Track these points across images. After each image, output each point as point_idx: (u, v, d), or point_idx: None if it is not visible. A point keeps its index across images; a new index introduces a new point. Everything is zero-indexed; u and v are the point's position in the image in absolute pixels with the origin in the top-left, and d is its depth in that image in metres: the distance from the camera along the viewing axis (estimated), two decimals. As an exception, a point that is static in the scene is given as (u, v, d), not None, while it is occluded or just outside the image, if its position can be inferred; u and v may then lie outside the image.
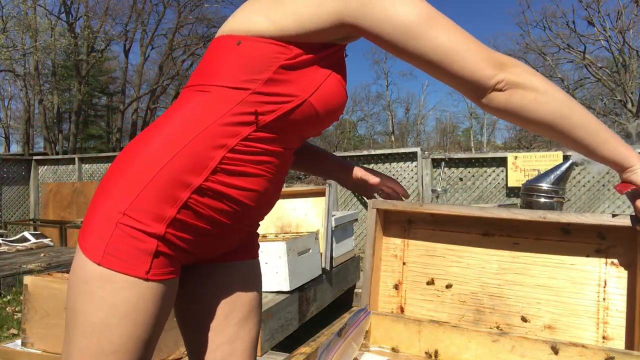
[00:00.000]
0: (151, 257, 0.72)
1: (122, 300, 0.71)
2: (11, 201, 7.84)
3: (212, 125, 0.74)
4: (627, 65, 17.78)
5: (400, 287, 1.12)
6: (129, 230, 0.71)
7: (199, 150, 0.73)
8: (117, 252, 0.71)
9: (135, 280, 0.72)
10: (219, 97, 0.75)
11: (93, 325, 0.72)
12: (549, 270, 0.98)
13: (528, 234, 1.01)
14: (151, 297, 0.73)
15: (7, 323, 3.35)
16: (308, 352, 0.82)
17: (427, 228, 1.10)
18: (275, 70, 0.74)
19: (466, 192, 5.89)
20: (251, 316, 0.93)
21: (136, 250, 0.72)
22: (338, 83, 0.80)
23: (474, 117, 34.87)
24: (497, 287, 1.02)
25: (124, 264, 0.71)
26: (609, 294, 0.94)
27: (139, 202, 0.72)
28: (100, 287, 0.71)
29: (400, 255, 1.12)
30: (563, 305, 0.97)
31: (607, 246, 0.94)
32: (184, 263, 0.83)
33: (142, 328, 0.73)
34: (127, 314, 0.72)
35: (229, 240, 0.86)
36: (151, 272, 0.73)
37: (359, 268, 3.61)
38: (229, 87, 0.75)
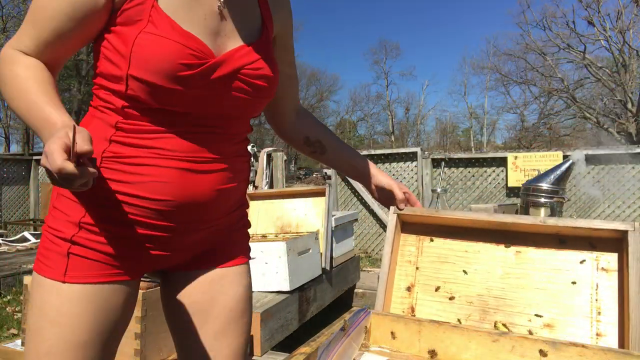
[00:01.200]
0: (66, 259, 0.76)
1: (48, 304, 0.76)
2: (11, 201, 7.84)
3: (95, 121, 0.78)
4: (627, 65, 17.79)
5: (412, 289, 1.19)
6: (50, 237, 0.77)
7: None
8: (44, 258, 0.77)
9: (57, 284, 0.75)
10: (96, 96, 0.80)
11: (31, 329, 0.77)
12: (548, 275, 1.09)
13: (529, 243, 1.12)
14: (74, 300, 0.75)
15: (7, 323, 3.35)
16: (308, 352, 0.82)
17: (440, 236, 1.21)
18: (100, 54, 0.76)
19: (466, 192, 5.89)
20: (229, 329, 0.88)
21: (55, 254, 0.76)
22: (154, 36, 0.72)
23: (474, 117, 34.88)
24: (501, 290, 1.11)
25: (48, 268, 0.76)
26: (601, 296, 1.04)
27: (54, 211, 0.78)
28: (35, 292, 0.77)
29: (414, 261, 1.21)
30: (560, 305, 1.06)
31: (597, 254, 1.07)
32: (150, 270, 0.86)
33: (70, 330, 0.75)
34: (53, 318, 0.75)
35: (172, 244, 0.83)
36: (68, 275, 0.75)
37: (358, 268, 3.61)
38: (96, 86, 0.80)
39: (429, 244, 1.21)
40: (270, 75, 0.84)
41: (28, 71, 0.73)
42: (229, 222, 0.91)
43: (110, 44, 0.75)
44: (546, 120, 24.63)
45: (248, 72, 0.80)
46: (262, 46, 0.84)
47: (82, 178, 0.60)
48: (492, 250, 1.15)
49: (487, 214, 1.15)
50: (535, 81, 22.97)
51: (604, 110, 19.67)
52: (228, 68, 0.78)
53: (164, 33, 0.73)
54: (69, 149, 0.59)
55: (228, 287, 0.89)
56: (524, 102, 26.85)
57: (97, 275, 0.78)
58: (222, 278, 0.89)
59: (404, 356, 0.98)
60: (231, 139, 0.85)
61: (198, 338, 0.88)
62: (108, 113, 0.77)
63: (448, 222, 1.19)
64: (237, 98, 0.81)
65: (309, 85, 34.92)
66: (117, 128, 0.76)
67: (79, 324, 0.76)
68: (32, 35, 0.74)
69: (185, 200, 0.78)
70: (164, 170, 0.76)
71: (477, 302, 1.12)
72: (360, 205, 6.37)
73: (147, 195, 0.76)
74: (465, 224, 1.18)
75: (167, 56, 0.72)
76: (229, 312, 0.89)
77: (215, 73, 0.77)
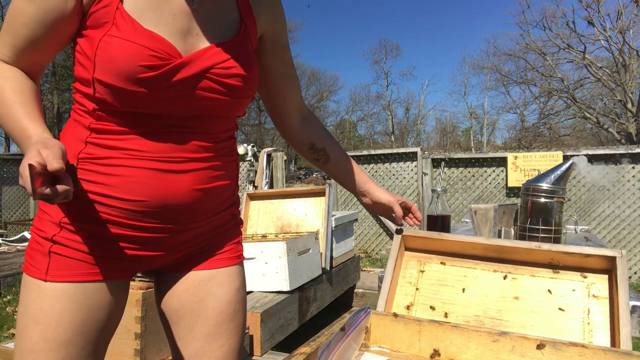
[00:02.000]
0: (47, 258, 0.77)
1: (31, 302, 0.77)
2: (11, 201, 7.84)
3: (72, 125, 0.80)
4: (627, 65, 17.78)
5: (411, 307, 1.23)
6: (35, 237, 0.80)
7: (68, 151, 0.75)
8: (30, 258, 0.79)
9: (39, 283, 0.77)
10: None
11: (17, 328, 0.79)
12: (543, 301, 1.15)
13: (525, 271, 1.20)
14: (55, 298, 0.76)
15: (7, 323, 3.35)
16: (308, 352, 0.82)
17: (441, 260, 1.28)
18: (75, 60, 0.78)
19: (466, 192, 5.89)
20: (220, 331, 0.88)
21: (38, 253, 0.78)
22: (115, 38, 0.72)
23: (474, 117, 34.86)
24: (497, 312, 1.17)
25: (32, 267, 0.78)
26: (592, 320, 1.10)
27: (40, 212, 0.80)
28: (22, 291, 0.79)
29: (414, 282, 1.27)
30: (554, 328, 1.11)
31: (588, 282, 1.14)
32: (140, 270, 0.87)
33: (52, 329, 0.76)
34: (35, 316, 0.76)
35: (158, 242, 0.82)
36: (50, 274, 0.77)
37: (359, 268, 3.61)
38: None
39: (429, 267, 1.27)
40: (244, 74, 0.82)
41: (6, 81, 0.75)
42: (218, 222, 0.90)
43: (81, 47, 0.76)
44: (546, 120, 24.63)
45: (218, 72, 0.79)
46: (237, 45, 0.83)
47: (58, 197, 0.62)
48: (490, 275, 1.22)
49: (485, 238, 1.22)
50: (535, 81, 22.97)
51: (604, 110, 19.66)
52: (195, 68, 0.76)
53: (125, 35, 0.72)
54: (42, 168, 0.61)
55: (217, 288, 0.88)
56: (524, 102, 26.85)
57: (78, 274, 0.78)
58: (210, 280, 0.89)
59: (404, 356, 0.98)
60: (213, 138, 0.84)
61: (188, 340, 0.88)
62: (83, 115, 0.78)
63: (449, 245, 1.26)
64: (208, 98, 0.79)
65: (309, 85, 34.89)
66: (91, 130, 0.77)
67: (61, 322, 0.76)
68: (8, 42, 0.76)
69: (162, 200, 0.78)
70: (136, 170, 0.76)
71: (474, 322, 1.16)
72: (360, 205, 6.37)
73: (121, 196, 0.76)
74: (465, 247, 1.24)
75: (126, 58, 0.71)
76: (218, 315, 0.88)
77: (179, 74, 0.75)
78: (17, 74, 0.76)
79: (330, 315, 2.86)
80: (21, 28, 0.74)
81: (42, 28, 0.74)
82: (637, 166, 5.08)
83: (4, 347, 1.76)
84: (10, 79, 0.75)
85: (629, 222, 5.11)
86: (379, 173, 6.32)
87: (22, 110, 0.72)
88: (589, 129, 24.10)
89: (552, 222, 1.52)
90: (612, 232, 5.17)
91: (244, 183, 6.81)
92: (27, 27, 0.74)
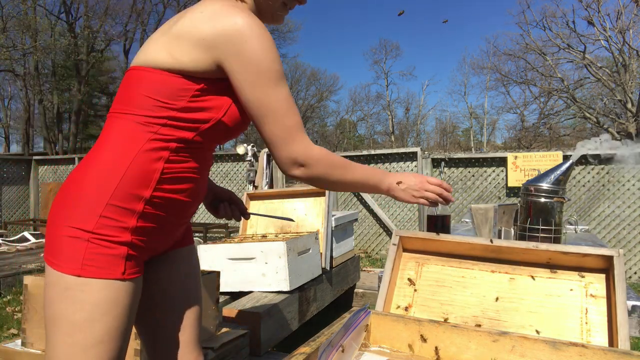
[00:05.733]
0: (124, 261, 0.87)
1: (103, 299, 0.85)
2: (11, 201, 7.84)
3: (145, 146, 0.88)
4: (627, 65, 17.77)
5: (409, 309, 1.24)
6: (102, 242, 0.85)
7: (141, 168, 0.88)
8: (94, 262, 0.84)
9: (113, 282, 0.86)
10: (143, 122, 0.88)
11: (76, 324, 0.84)
12: (541, 301, 1.15)
13: (523, 272, 1.20)
14: (127, 294, 0.88)
15: (7, 323, 3.35)
16: (308, 352, 0.82)
17: (438, 261, 1.29)
18: (189, 99, 0.88)
19: (466, 192, 5.89)
20: (195, 294, 1.11)
21: (111, 257, 0.86)
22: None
23: (474, 117, 34.86)
24: (495, 312, 1.17)
25: (102, 270, 0.85)
26: (590, 319, 1.10)
27: (103, 220, 0.85)
28: (81, 291, 0.84)
29: (413, 283, 1.28)
30: (552, 327, 1.11)
31: (586, 282, 1.15)
32: (145, 260, 0.98)
33: (120, 320, 0.87)
34: (108, 310, 0.85)
35: (176, 234, 1.04)
36: (126, 273, 0.88)
37: (359, 268, 3.61)
38: (148, 115, 0.88)
39: (428, 268, 1.28)
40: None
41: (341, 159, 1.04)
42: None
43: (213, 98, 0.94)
44: (546, 120, 24.61)
45: None
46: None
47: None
48: (488, 276, 1.22)
49: (484, 239, 1.22)
50: (535, 81, 22.96)
51: (604, 110, 19.66)
52: None
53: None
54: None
55: (190, 261, 1.13)
56: (524, 102, 26.83)
57: (139, 270, 0.92)
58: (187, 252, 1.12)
59: (404, 356, 0.98)
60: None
61: (173, 304, 1.06)
62: (162, 138, 0.91)
63: (447, 246, 1.26)
64: None
65: (309, 85, 34.89)
66: (171, 150, 0.91)
67: (126, 314, 0.88)
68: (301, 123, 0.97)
69: (199, 200, 1.01)
70: (194, 179, 0.96)
71: (472, 323, 1.16)
72: (360, 205, 6.37)
73: (187, 199, 0.95)
74: (463, 248, 1.24)
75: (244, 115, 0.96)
76: (196, 276, 1.13)
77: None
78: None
79: (330, 315, 2.86)
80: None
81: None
82: (637, 166, 5.08)
83: (4, 347, 1.76)
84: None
85: (629, 222, 5.11)
86: (379, 173, 6.31)
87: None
88: (589, 129, 24.08)
89: (552, 222, 1.52)
90: (612, 232, 5.17)
91: (244, 183, 6.81)
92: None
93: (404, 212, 6.22)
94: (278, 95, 0.90)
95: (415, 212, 6.15)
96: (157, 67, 0.88)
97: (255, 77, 0.88)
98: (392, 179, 1.07)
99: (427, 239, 1.27)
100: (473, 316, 1.17)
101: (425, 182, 1.09)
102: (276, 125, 0.91)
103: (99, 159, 0.89)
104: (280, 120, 0.91)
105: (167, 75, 0.87)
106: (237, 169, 7.21)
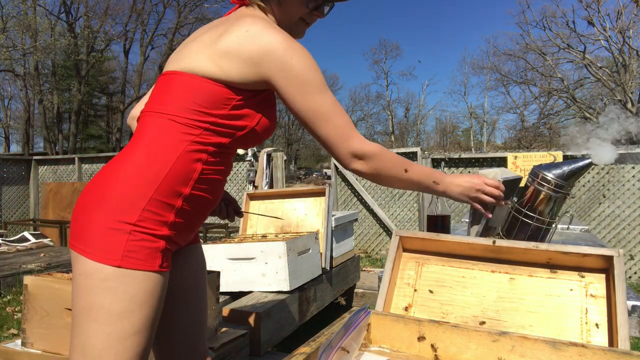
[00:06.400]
0: (162, 254, 0.92)
1: (142, 290, 0.88)
2: (11, 201, 7.84)
3: (188, 147, 0.94)
4: (627, 65, 17.78)
5: (409, 309, 1.24)
6: (143, 235, 0.89)
7: (184, 167, 0.93)
8: (135, 254, 0.88)
9: (150, 274, 0.89)
10: (187, 124, 0.94)
11: (115, 314, 0.86)
12: (541, 301, 1.15)
13: (523, 272, 1.20)
14: (162, 285, 0.93)
15: (7, 323, 3.35)
16: (308, 352, 0.82)
17: (439, 261, 1.29)
18: (231, 108, 0.95)
19: (466, 192, 5.89)
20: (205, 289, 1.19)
21: (151, 250, 0.90)
22: (272, 114, 1.04)
23: (474, 117, 34.85)
24: (495, 312, 1.17)
25: (142, 262, 0.88)
26: (590, 319, 1.10)
27: (146, 213, 0.89)
28: (122, 282, 0.86)
29: (412, 283, 1.28)
30: (552, 328, 1.11)
31: (586, 282, 1.14)
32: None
33: (155, 310, 0.92)
34: (145, 301, 0.89)
35: (196, 231, 1.09)
36: (163, 265, 0.92)
37: (359, 268, 3.61)
38: (192, 118, 0.94)
39: (428, 268, 1.28)
40: None
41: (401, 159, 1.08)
42: None
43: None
44: (546, 120, 24.62)
45: None
46: None
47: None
48: (488, 276, 1.22)
49: (484, 239, 1.22)
50: (535, 81, 22.97)
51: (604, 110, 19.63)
52: None
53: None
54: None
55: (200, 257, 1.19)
56: (524, 102, 26.86)
57: (170, 264, 0.97)
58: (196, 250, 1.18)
59: (404, 356, 0.98)
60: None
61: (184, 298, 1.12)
62: (201, 140, 0.97)
63: (447, 246, 1.26)
64: None
65: (309, 85, 34.74)
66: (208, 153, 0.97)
67: (160, 304, 0.93)
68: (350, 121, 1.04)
69: (219, 198, 1.07)
70: (221, 180, 1.03)
71: (472, 323, 1.16)
72: (360, 205, 6.37)
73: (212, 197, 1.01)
74: (463, 248, 1.24)
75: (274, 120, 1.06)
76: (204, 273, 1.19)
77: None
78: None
79: (330, 315, 2.86)
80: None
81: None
82: (637, 166, 5.08)
83: (4, 347, 1.76)
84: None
85: (629, 222, 5.11)
86: (379, 173, 6.31)
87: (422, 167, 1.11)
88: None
89: (548, 214, 1.49)
90: (612, 232, 5.17)
91: (244, 183, 6.81)
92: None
93: (404, 212, 6.22)
94: (326, 100, 0.98)
95: (415, 212, 6.15)
96: (203, 76, 0.94)
97: (304, 88, 0.96)
98: (448, 180, 1.12)
99: (427, 239, 1.27)
100: (473, 316, 1.17)
101: (483, 185, 1.15)
102: (330, 127, 0.98)
103: (142, 154, 0.93)
104: (333, 122, 0.98)
105: (213, 85, 0.94)
106: (237, 169, 7.21)
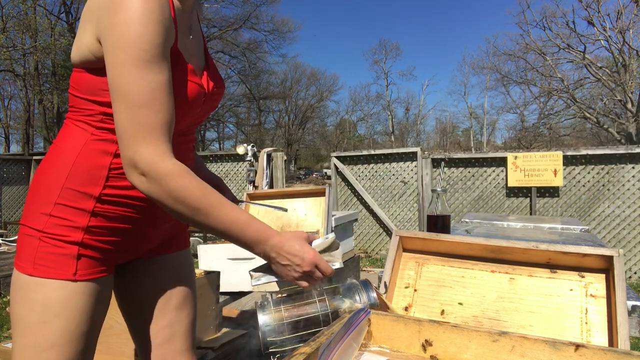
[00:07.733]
0: (75, 261, 0.84)
1: (55, 300, 0.82)
2: (11, 201, 7.84)
3: (88, 142, 0.84)
4: (627, 65, 17.78)
5: (409, 309, 1.25)
6: (52, 242, 0.83)
7: (86, 165, 0.83)
8: (45, 262, 0.83)
9: (64, 283, 0.82)
10: (82, 119, 0.85)
11: (30, 325, 0.81)
12: (540, 301, 1.15)
13: (523, 272, 1.20)
14: (82, 295, 0.84)
15: (7, 323, 3.35)
16: (308, 352, 0.82)
17: (438, 261, 1.29)
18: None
19: (466, 192, 5.89)
20: (187, 301, 1.05)
21: (61, 257, 0.83)
22: (177, 81, 0.83)
23: (474, 117, 34.86)
24: (495, 312, 1.17)
25: (53, 270, 0.82)
26: (590, 319, 1.10)
27: (53, 219, 0.83)
28: (34, 291, 0.82)
29: (412, 284, 1.28)
30: (552, 328, 1.11)
31: (586, 282, 1.14)
32: (121, 262, 0.96)
33: (75, 322, 0.83)
34: (60, 312, 0.82)
35: (155, 235, 0.98)
36: (78, 274, 0.84)
37: (359, 268, 3.61)
38: (84, 113, 0.84)
39: (427, 268, 1.28)
40: (223, 88, 1.02)
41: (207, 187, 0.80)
42: None
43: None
44: (546, 120, 24.62)
45: (215, 91, 0.97)
46: (214, 67, 1.00)
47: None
48: (488, 276, 1.22)
49: (484, 238, 1.23)
50: (535, 81, 22.96)
51: (604, 110, 19.67)
52: (208, 91, 0.93)
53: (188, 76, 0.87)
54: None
55: (187, 265, 1.08)
56: (524, 102, 26.86)
57: (98, 271, 0.88)
58: (183, 259, 1.08)
59: (404, 356, 0.98)
60: (194, 140, 1.01)
61: (163, 313, 1.01)
62: (106, 132, 0.87)
63: (447, 246, 1.26)
64: (208, 112, 0.98)
65: (309, 85, 34.89)
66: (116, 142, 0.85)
67: (84, 316, 0.84)
68: (164, 124, 0.81)
69: None
70: None
71: (472, 323, 1.16)
72: (360, 205, 6.37)
73: (142, 196, 0.86)
74: (463, 248, 1.24)
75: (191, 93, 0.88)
76: (186, 287, 1.05)
77: (205, 99, 0.93)
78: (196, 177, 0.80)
79: (330, 315, 2.85)
80: (170, 102, 0.78)
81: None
82: (637, 166, 5.08)
83: (4, 347, 1.77)
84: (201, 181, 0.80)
85: (629, 222, 5.11)
86: (378, 173, 6.32)
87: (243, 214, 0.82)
88: (589, 129, 24.11)
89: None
90: (612, 232, 5.17)
91: (244, 183, 6.82)
92: (171, 98, 0.78)
93: (404, 212, 6.22)
94: (139, 80, 0.72)
95: (415, 212, 6.15)
96: (75, 65, 0.85)
97: (117, 51, 0.72)
98: (274, 243, 0.87)
99: (427, 239, 1.27)
100: (473, 316, 1.17)
101: (313, 265, 0.96)
102: (125, 116, 0.73)
103: (48, 160, 0.88)
104: (132, 112, 0.73)
105: (81, 72, 0.84)
106: (237, 169, 7.22)
